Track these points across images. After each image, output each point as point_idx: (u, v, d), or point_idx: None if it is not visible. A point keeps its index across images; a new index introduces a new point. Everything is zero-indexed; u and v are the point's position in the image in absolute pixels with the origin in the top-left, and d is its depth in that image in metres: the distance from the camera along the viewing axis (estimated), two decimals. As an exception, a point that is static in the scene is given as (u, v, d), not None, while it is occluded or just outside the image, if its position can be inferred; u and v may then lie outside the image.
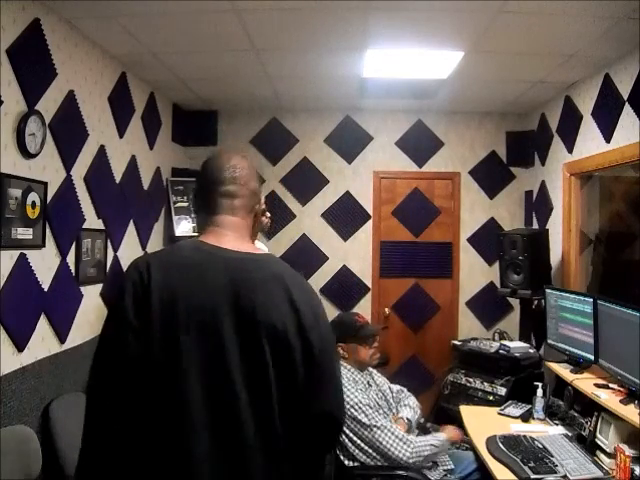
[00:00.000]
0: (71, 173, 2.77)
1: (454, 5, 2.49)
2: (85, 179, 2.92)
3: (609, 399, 2.36)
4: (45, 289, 2.55)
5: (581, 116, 3.54)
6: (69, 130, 2.75)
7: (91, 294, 3.01)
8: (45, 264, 2.55)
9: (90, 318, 2.96)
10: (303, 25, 2.78)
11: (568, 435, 2.58)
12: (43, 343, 2.54)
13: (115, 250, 3.30)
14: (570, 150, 3.70)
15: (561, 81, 3.61)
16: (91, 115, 2.97)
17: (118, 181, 3.33)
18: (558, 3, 2.43)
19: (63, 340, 2.71)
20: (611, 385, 2.51)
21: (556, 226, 3.89)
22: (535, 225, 4.36)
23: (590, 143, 3.41)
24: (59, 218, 2.64)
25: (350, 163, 4.62)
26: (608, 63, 3.15)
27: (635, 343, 2.27)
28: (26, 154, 2.38)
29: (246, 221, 1.38)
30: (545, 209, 4.12)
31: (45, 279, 2.55)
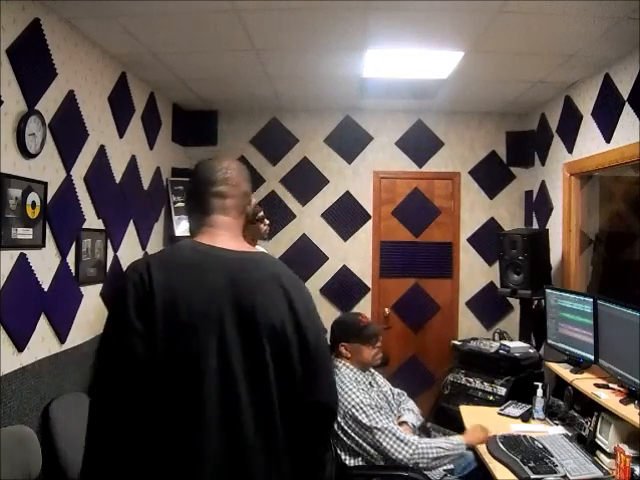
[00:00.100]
0: (71, 173, 2.78)
1: (454, 5, 2.49)
2: (85, 179, 2.92)
3: (609, 399, 2.36)
4: (45, 289, 2.55)
5: (581, 116, 3.54)
6: (69, 130, 2.75)
7: (91, 294, 3.01)
8: (45, 264, 2.56)
9: (90, 318, 2.96)
10: (303, 25, 2.78)
11: (568, 435, 2.58)
12: (43, 343, 2.54)
13: (115, 250, 3.30)
14: (570, 150, 3.70)
15: (561, 81, 3.61)
16: (91, 115, 2.97)
17: (118, 181, 3.33)
18: (558, 3, 2.43)
19: (63, 340, 2.71)
20: (611, 385, 2.51)
21: (556, 226, 3.89)
22: (535, 225, 4.36)
23: (590, 143, 3.41)
24: (59, 218, 2.64)
25: (350, 163, 4.62)
26: (608, 63, 3.15)
27: (635, 343, 2.27)
28: (26, 154, 2.38)
29: (238, 221, 1.42)
30: (545, 209, 4.12)
31: (45, 279, 2.55)
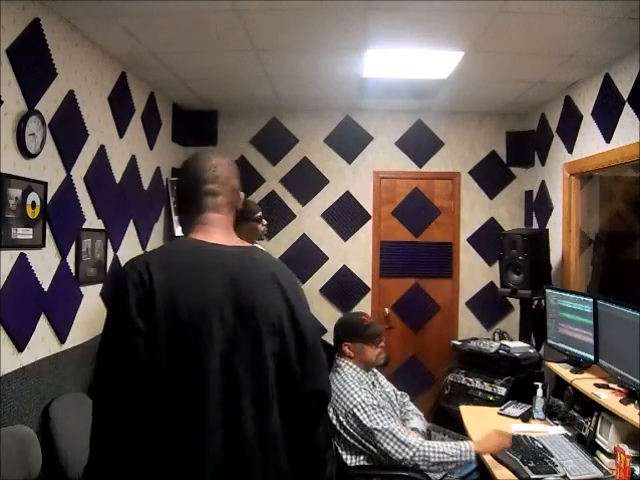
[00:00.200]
0: (71, 173, 2.78)
1: (454, 5, 2.49)
2: (85, 179, 2.92)
3: (609, 399, 2.36)
4: (45, 289, 2.55)
5: (581, 116, 3.54)
6: (69, 130, 2.75)
7: (91, 294, 3.01)
8: (45, 264, 2.56)
9: (90, 318, 2.96)
10: (303, 25, 2.78)
11: (568, 435, 2.58)
12: (43, 343, 2.54)
13: (115, 250, 3.30)
14: (570, 150, 3.70)
15: (561, 81, 3.61)
16: (91, 115, 2.97)
17: (118, 181, 3.33)
18: (558, 3, 2.43)
19: (63, 340, 2.71)
20: (611, 385, 2.51)
21: (556, 226, 3.89)
22: (535, 225, 4.36)
23: (590, 143, 3.41)
24: (59, 218, 2.64)
25: (350, 163, 4.62)
26: (608, 63, 3.15)
27: (635, 343, 2.27)
28: (26, 154, 2.38)
29: (229, 217, 1.44)
30: (545, 209, 4.12)
31: (45, 279, 2.55)
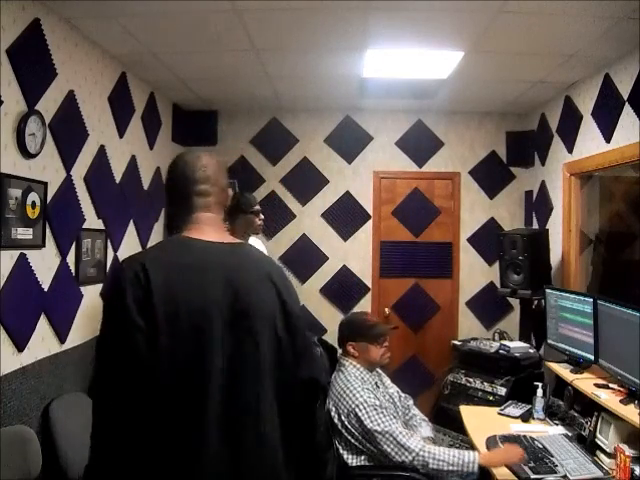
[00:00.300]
0: (71, 173, 2.78)
1: (454, 5, 2.49)
2: (85, 179, 2.92)
3: (609, 399, 2.36)
4: (45, 289, 2.55)
5: (581, 116, 3.54)
6: (69, 130, 2.75)
7: (91, 294, 3.01)
8: (45, 264, 2.56)
9: (90, 318, 2.96)
10: (303, 25, 2.78)
11: (568, 435, 2.58)
12: (43, 343, 2.54)
13: (115, 250, 3.30)
14: (570, 150, 3.70)
15: (561, 81, 3.61)
16: (91, 115, 2.97)
17: (118, 181, 3.33)
18: (558, 3, 2.43)
19: (63, 340, 2.71)
20: (611, 385, 2.51)
21: (556, 226, 3.89)
22: (535, 225, 4.36)
23: (590, 143, 3.41)
24: (59, 218, 2.65)
25: (350, 163, 4.62)
26: (608, 63, 3.15)
27: (635, 343, 2.26)
28: (26, 154, 2.38)
29: (220, 215, 1.48)
30: (545, 209, 4.12)
31: (45, 279, 2.55)
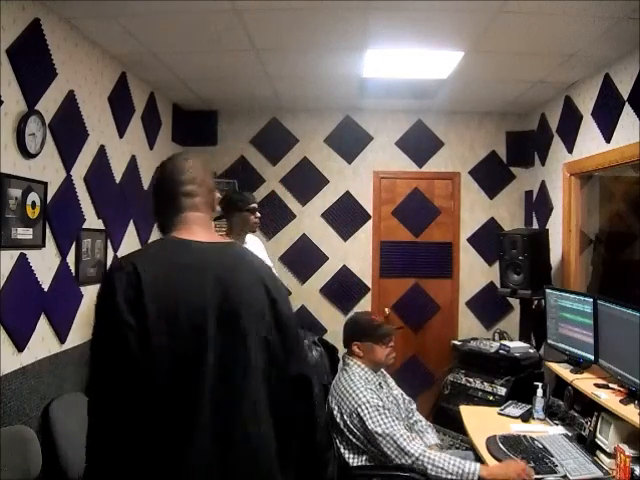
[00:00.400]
0: (71, 173, 2.78)
1: (454, 5, 2.49)
2: (85, 179, 2.92)
3: (609, 399, 2.36)
4: (45, 289, 2.55)
5: (581, 116, 3.54)
6: (69, 130, 2.75)
7: (91, 294, 3.01)
8: (45, 264, 2.56)
9: (90, 318, 2.93)
10: (303, 25, 2.78)
11: (568, 435, 2.58)
12: (43, 343, 2.54)
13: (115, 250, 3.30)
14: (570, 150, 3.70)
15: (561, 81, 3.61)
16: (91, 115, 2.97)
17: (118, 181, 3.33)
18: (558, 3, 2.43)
19: (63, 340, 2.71)
20: (611, 385, 2.51)
21: (556, 226, 3.89)
22: (535, 225, 4.36)
23: (590, 143, 3.41)
24: (59, 218, 2.65)
25: (350, 163, 4.62)
26: (608, 63, 3.15)
27: (635, 343, 2.26)
28: (26, 154, 2.38)
29: (208, 215, 1.50)
30: (545, 209, 4.12)
31: (45, 279, 2.55)
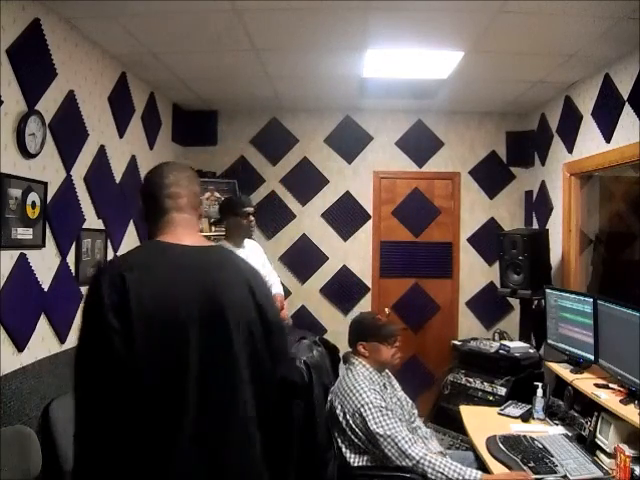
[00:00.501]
0: (71, 173, 2.78)
1: (454, 5, 2.49)
2: (85, 179, 2.92)
3: (609, 399, 2.36)
4: (45, 289, 2.55)
5: (581, 116, 3.54)
6: (69, 130, 2.75)
7: (91, 294, 3.01)
8: (45, 264, 2.56)
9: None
10: (303, 25, 2.78)
11: (568, 435, 2.58)
12: (43, 343, 2.54)
13: (115, 250, 3.30)
14: (570, 150, 3.70)
15: (561, 81, 3.61)
16: (91, 115, 2.97)
17: (118, 181, 3.33)
18: (558, 3, 2.43)
19: (63, 340, 2.70)
20: (611, 385, 2.51)
21: (556, 226, 3.89)
22: (535, 225, 4.36)
23: (590, 143, 3.41)
24: (59, 218, 2.65)
25: (350, 163, 4.62)
26: (608, 63, 3.15)
27: (635, 343, 2.26)
28: (26, 154, 2.38)
29: (193, 218, 1.50)
30: (545, 209, 4.12)
31: (45, 279, 2.55)
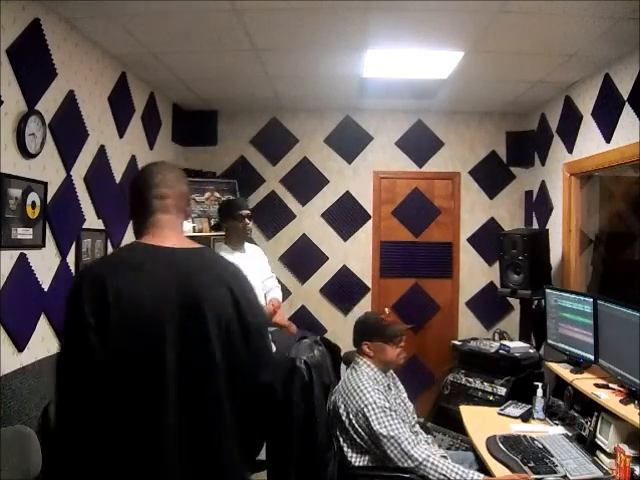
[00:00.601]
0: (71, 173, 2.78)
1: (454, 5, 2.49)
2: (85, 179, 2.92)
3: (609, 399, 2.36)
4: (45, 289, 2.55)
5: (581, 116, 3.54)
6: (69, 130, 2.75)
7: (91, 294, 3.01)
8: (45, 264, 2.56)
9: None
10: (303, 25, 2.78)
11: (568, 435, 2.58)
12: (43, 343, 2.54)
13: (115, 250, 3.30)
14: (570, 150, 3.70)
15: (561, 81, 3.61)
16: (91, 115, 2.97)
17: (118, 181, 3.33)
18: (558, 3, 2.43)
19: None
20: (611, 385, 2.51)
21: (556, 226, 3.89)
22: (535, 225, 4.36)
23: (590, 143, 3.41)
24: (59, 218, 2.65)
25: (350, 163, 4.62)
26: (608, 63, 3.15)
27: (635, 343, 2.27)
28: (26, 154, 2.38)
29: (179, 219, 1.51)
30: (545, 209, 4.12)
31: (45, 279, 2.55)
